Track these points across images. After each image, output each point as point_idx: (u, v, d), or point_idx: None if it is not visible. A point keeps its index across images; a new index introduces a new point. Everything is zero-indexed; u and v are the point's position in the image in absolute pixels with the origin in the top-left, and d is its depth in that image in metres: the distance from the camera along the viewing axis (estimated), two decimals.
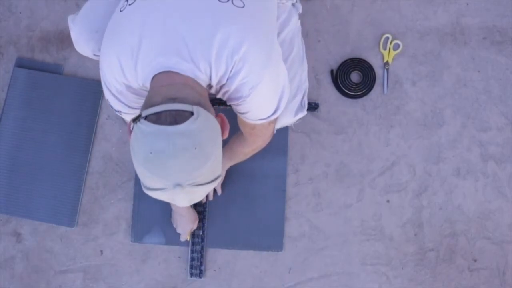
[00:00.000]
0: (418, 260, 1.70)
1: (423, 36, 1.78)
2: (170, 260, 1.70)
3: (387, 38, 1.77)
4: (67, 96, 1.74)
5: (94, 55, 1.36)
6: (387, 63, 1.77)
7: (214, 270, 1.70)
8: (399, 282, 1.69)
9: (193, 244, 1.68)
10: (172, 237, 1.70)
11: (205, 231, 1.70)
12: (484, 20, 1.79)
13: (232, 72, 1.07)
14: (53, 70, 1.76)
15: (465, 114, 1.75)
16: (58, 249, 1.71)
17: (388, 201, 1.72)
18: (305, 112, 1.47)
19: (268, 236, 1.69)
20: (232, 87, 1.09)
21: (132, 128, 0.98)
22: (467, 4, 1.79)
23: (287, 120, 1.46)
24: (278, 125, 1.51)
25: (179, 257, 1.70)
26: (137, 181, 1.71)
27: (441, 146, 1.74)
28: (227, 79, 1.08)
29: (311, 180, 1.73)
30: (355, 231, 1.71)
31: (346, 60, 1.76)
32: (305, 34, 1.76)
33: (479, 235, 1.71)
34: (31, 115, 1.73)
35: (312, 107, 1.73)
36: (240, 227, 1.70)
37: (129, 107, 1.17)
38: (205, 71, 1.06)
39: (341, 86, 1.74)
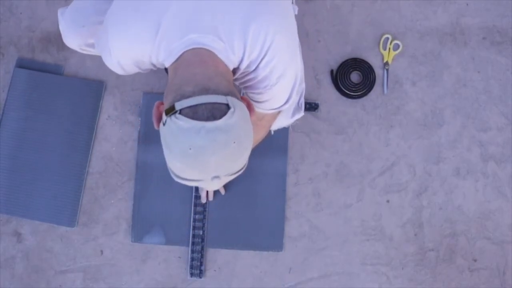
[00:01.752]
0: (418, 260, 1.70)
1: (423, 36, 1.78)
2: (170, 260, 1.70)
3: (387, 38, 1.77)
4: (67, 96, 1.75)
5: (81, 49, 1.34)
6: (387, 63, 1.77)
7: (214, 270, 1.70)
8: (399, 282, 1.69)
9: (193, 244, 1.69)
10: (172, 237, 1.70)
11: (205, 231, 1.70)
12: (484, 20, 1.79)
13: (264, 59, 1.06)
14: (54, 70, 1.77)
15: (465, 114, 1.75)
16: (58, 249, 1.71)
17: (388, 201, 1.72)
18: (302, 113, 1.48)
19: (268, 236, 1.69)
20: (261, 75, 1.08)
21: (165, 121, 0.96)
22: (467, 4, 1.80)
23: (284, 121, 1.47)
24: (276, 126, 1.51)
25: (179, 257, 1.70)
26: (137, 180, 1.72)
27: (441, 146, 1.74)
28: (257, 67, 1.07)
29: (311, 180, 1.73)
30: (355, 231, 1.71)
31: (346, 60, 1.76)
32: (305, 34, 1.77)
33: (479, 235, 1.71)
34: (31, 116, 1.74)
35: (312, 107, 1.74)
36: (240, 227, 1.70)
37: (124, 71, 1.16)
38: (238, 53, 1.04)
39: (341, 86, 1.75)
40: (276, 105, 1.19)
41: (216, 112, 0.93)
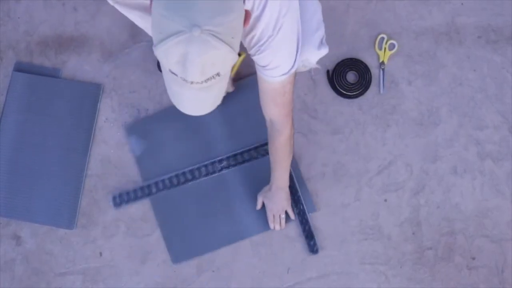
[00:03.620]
0: (416, 259, 1.70)
1: (418, 36, 1.79)
2: (169, 261, 1.71)
3: (383, 38, 1.78)
4: (65, 99, 1.76)
5: None
6: (382, 63, 1.77)
7: (213, 271, 1.70)
8: (398, 281, 1.69)
9: None
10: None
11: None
12: (479, 19, 1.79)
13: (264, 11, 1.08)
14: (52, 74, 1.78)
15: (462, 113, 1.76)
16: (57, 251, 1.72)
17: (385, 200, 1.72)
18: (327, 50, 1.46)
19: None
20: (260, 27, 1.10)
21: None
22: (462, 3, 1.80)
23: (311, 54, 1.44)
24: (302, 64, 1.48)
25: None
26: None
27: (438, 145, 1.74)
28: (261, 11, 1.09)
29: (308, 180, 1.73)
30: (353, 231, 1.71)
31: (342, 61, 1.77)
32: None
33: (477, 233, 1.71)
34: (30, 119, 1.75)
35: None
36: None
37: None
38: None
39: (337, 86, 1.75)
40: (282, 70, 1.19)
41: None
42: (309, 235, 1.69)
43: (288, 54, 1.19)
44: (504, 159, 1.74)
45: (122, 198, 1.72)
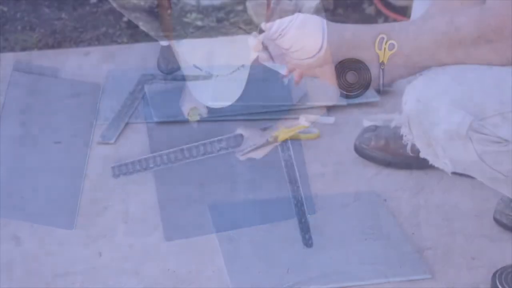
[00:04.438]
0: (416, 259, 1.70)
1: (417, 36, 1.78)
2: (169, 261, 1.70)
3: (382, 38, 1.78)
4: (64, 99, 1.76)
5: None
6: (382, 63, 1.77)
7: (213, 271, 1.70)
8: (398, 281, 1.69)
9: None
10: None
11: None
12: (478, 18, 1.79)
13: None
14: (51, 73, 1.78)
15: (461, 112, 1.76)
16: (56, 252, 1.71)
17: (385, 200, 1.73)
18: None
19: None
20: (280, 12, 1.14)
21: None
22: (461, 3, 1.80)
23: None
24: None
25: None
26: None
27: (437, 143, 1.74)
28: None
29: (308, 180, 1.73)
30: (353, 231, 1.71)
31: (341, 61, 1.77)
32: None
33: (477, 233, 1.71)
34: (29, 119, 1.75)
35: None
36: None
37: None
38: None
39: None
40: (310, 52, 1.20)
41: None
42: (304, 228, 1.68)
43: (311, 36, 1.19)
44: None
45: (121, 170, 1.72)
